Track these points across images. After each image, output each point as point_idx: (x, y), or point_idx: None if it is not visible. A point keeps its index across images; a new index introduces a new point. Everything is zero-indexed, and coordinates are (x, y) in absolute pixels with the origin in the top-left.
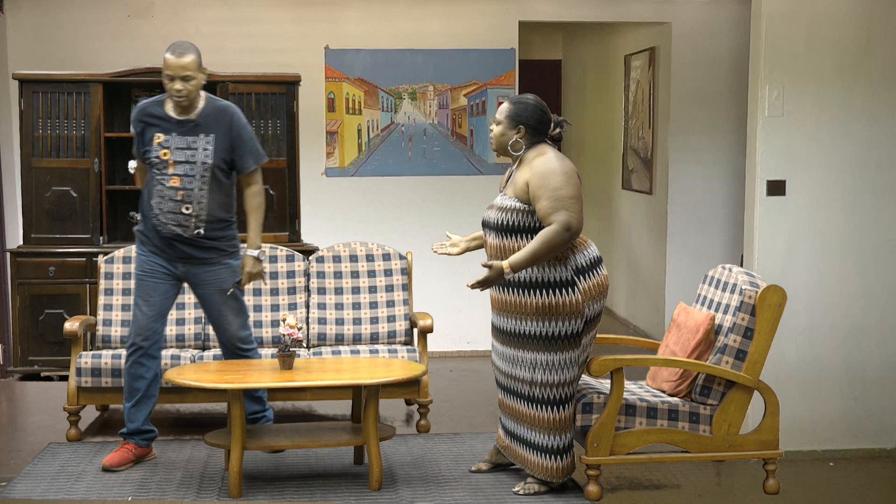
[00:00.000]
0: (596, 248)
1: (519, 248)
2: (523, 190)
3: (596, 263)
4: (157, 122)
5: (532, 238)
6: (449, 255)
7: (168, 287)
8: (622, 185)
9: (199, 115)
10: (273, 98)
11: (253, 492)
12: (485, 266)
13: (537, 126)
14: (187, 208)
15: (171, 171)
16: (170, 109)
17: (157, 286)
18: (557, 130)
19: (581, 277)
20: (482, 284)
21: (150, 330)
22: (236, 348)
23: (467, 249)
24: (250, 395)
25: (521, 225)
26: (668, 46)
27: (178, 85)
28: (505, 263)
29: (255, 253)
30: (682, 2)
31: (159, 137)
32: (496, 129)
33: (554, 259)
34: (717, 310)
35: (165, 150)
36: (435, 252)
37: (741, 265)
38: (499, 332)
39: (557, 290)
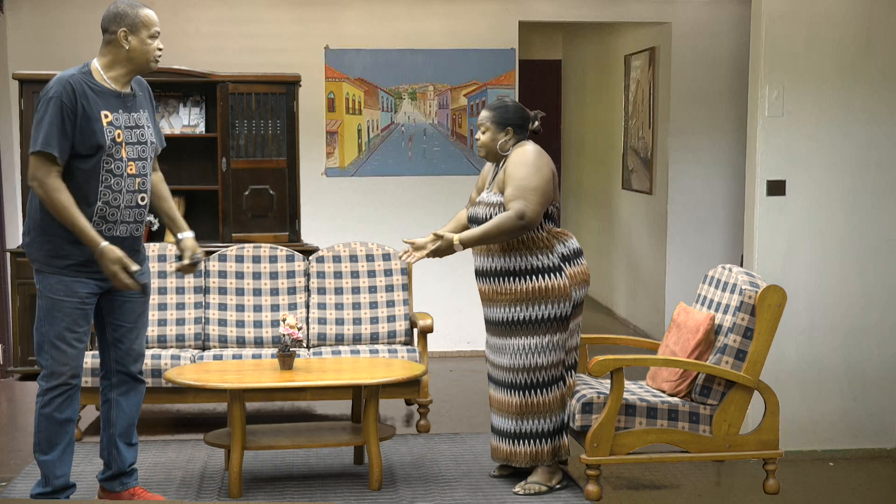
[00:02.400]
0: (577, 242)
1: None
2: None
3: (578, 254)
4: (99, 98)
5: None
6: (418, 258)
7: (92, 310)
8: (622, 185)
9: (134, 87)
10: (273, 98)
11: (253, 492)
12: (436, 236)
13: (522, 124)
14: (143, 199)
15: (124, 155)
16: (105, 81)
17: (88, 314)
18: (536, 124)
19: (567, 264)
20: (432, 253)
21: (80, 365)
22: (139, 372)
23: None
24: (127, 441)
25: None
26: (668, 46)
27: (160, 44)
28: (456, 237)
29: (192, 234)
30: (682, 2)
31: (108, 116)
32: (485, 137)
33: (541, 248)
34: (717, 310)
35: (118, 131)
36: (406, 261)
37: (741, 265)
38: (490, 324)
39: (546, 275)
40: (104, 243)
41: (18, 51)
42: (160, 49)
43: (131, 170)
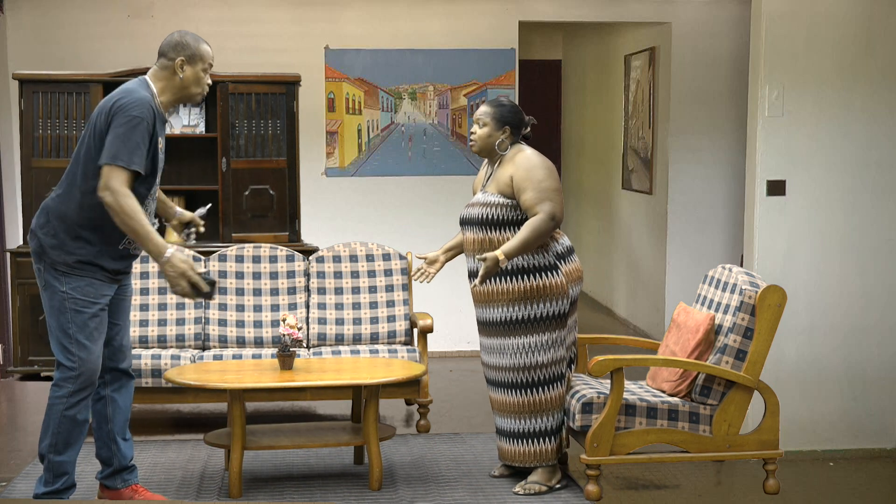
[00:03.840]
0: (568, 240)
1: (501, 240)
2: (507, 185)
3: (571, 251)
4: (159, 123)
5: (514, 230)
6: (430, 274)
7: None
8: (622, 185)
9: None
10: (273, 98)
11: (253, 492)
12: (480, 259)
13: (519, 126)
14: (152, 216)
15: (158, 178)
16: (160, 105)
17: (106, 317)
18: (528, 129)
19: (562, 262)
20: (484, 278)
21: (100, 366)
22: (130, 366)
23: (447, 261)
24: (123, 436)
25: (504, 218)
26: (668, 46)
27: (209, 79)
28: (499, 252)
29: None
30: (682, 2)
31: (161, 141)
32: (482, 131)
33: (537, 247)
34: (717, 310)
35: (162, 154)
36: (420, 281)
37: (741, 265)
38: (486, 325)
39: (542, 274)
40: (171, 250)
41: (18, 51)
42: (209, 84)
43: (154, 191)
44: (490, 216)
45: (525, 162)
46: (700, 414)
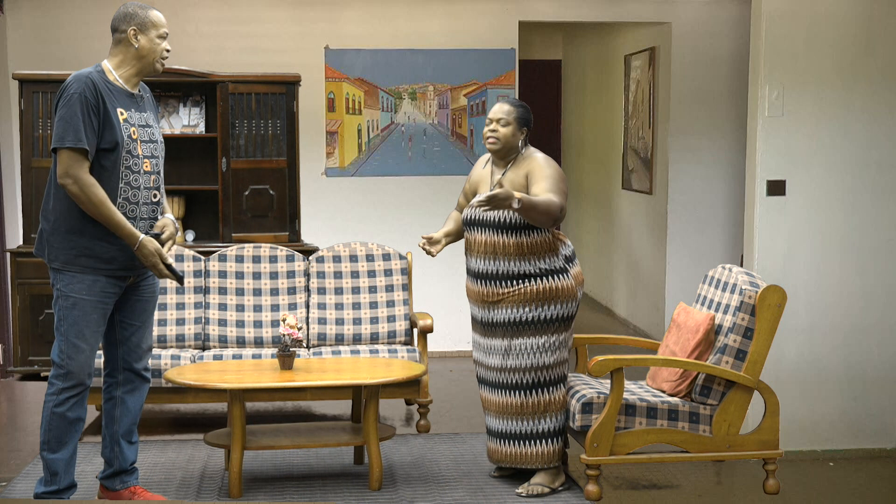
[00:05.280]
0: (570, 244)
1: (510, 243)
2: (522, 185)
3: (574, 255)
4: (114, 95)
5: (525, 234)
6: (431, 254)
7: (111, 310)
8: (622, 185)
9: (140, 89)
10: (273, 98)
11: (253, 492)
12: (497, 186)
13: (531, 128)
14: (156, 196)
15: (140, 152)
16: (117, 80)
17: (107, 313)
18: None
19: (569, 265)
20: (489, 202)
21: (93, 365)
22: (143, 369)
23: (446, 245)
24: (129, 439)
25: (518, 222)
26: (668, 46)
27: (168, 45)
28: (518, 194)
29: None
30: (682, 2)
31: (123, 113)
32: (506, 130)
33: (547, 250)
34: (717, 310)
35: (133, 128)
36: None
37: (741, 265)
38: (491, 326)
39: (554, 276)
40: (143, 236)
41: (18, 51)
42: (168, 50)
43: (147, 167)
44: (506, 219)
45: (543, 163)
46: (700, 414)
